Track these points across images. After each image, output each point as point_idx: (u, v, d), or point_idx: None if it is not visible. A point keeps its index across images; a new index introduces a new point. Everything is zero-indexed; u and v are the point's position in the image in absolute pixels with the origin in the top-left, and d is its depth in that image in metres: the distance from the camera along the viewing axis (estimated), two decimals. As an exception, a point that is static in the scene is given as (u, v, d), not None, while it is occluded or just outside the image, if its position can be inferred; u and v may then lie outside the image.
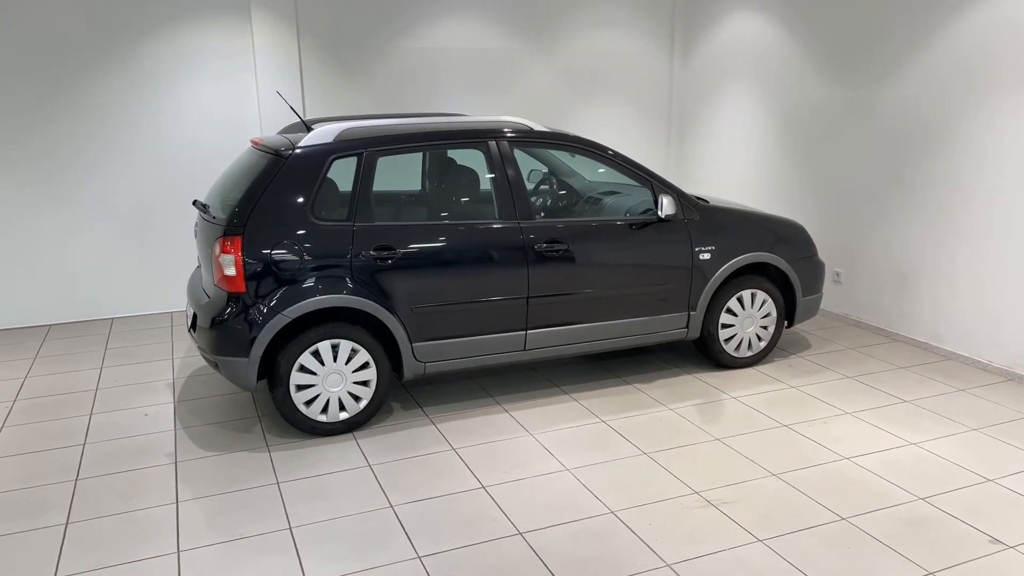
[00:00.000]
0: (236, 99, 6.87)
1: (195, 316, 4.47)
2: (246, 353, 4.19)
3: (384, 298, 4.39)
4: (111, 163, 6.63)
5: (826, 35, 6.49)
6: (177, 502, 3.78)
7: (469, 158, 5.02)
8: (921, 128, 5.71)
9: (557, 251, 4.72)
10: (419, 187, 5.51)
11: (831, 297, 6.74)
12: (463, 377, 5.34)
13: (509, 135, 4.77)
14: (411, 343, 4.51)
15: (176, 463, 4.18)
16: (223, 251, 4.18)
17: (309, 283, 4.26)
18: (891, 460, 4.10)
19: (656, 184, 5.03)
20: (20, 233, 6.51)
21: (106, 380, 5.39)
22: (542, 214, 5.67)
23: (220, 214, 4.34)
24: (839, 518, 3.56)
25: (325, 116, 5.74)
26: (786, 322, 5.61)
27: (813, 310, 5.66)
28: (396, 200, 5.21)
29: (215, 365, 4.35)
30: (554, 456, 4.20)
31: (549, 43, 7.87)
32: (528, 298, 4.70)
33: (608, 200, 5.39)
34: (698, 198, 5.62)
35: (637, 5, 8.11)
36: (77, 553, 3.36)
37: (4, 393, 5.18)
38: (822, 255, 6.79)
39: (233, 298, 4.22)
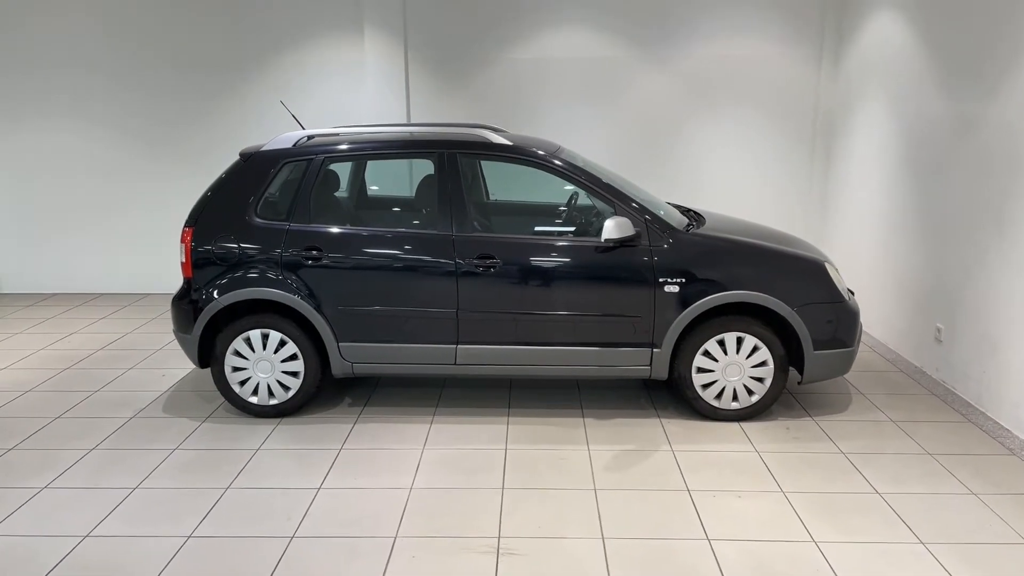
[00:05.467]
0: (352, 106, 7.54)
1: None
2: (189, 331, 4.73)
3: (310, 295, 4.64)
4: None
5: (959, 36, 5.32)
6: (94, 449, 4.43)
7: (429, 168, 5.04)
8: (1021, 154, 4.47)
9: (489, 267, 4.58)
10: (367, 193, 5.60)
11: (931, 359, 5.51)
12: (428, 385, 5.36)
13: (459, 148, 4.73)
14: (337, 342, 4.70)
15: (130, 419, 4.86)
16: (181, 240, 4.76)
17: (241, 276, 4.67)
18: (758, 553, 3.38)
19: (619, 205, 4.62)
20: (166, 217, 7.81)
21: (176, 343, 6.34)
22: (564, 228, 5.49)
23: (195, 208, 4.94)
24: (608, 601, 3.07)
25: (335, 126, 6.06)
26: (800, 377, 4.77)
27: (838, 367, 4.73)
28: (341, 204, 5.30)
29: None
30: (417, 473, 4.13)
31: (667, 51, 7.41)
32: (457, 311, 4.62)
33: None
34: (696, 216, 5.05)
35: (776, 5, 7.27)
36: (-15, 473, 4.15)
37: (99, 341, 6.38)
38: (924, 304, 5.58)
39: (186, 283, 4.79)
